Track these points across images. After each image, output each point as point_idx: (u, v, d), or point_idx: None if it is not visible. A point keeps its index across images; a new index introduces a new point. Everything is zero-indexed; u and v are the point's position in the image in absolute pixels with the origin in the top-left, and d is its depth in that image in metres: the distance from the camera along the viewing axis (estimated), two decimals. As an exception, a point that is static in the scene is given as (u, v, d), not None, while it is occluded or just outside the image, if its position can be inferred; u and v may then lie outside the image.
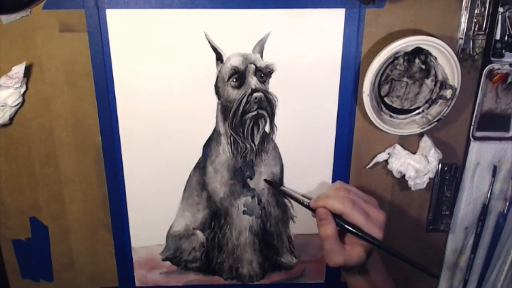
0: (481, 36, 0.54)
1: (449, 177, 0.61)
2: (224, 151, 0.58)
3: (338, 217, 0.50)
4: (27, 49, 0.53)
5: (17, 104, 0.54)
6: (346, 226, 0.49)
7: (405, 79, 0.56)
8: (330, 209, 0.50)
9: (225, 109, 0.56)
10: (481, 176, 0.62)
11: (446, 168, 0.61)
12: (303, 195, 0.57)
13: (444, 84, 0.55)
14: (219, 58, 0.54)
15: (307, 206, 0.53)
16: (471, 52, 0.54)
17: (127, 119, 0.56)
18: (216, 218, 0.62)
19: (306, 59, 0.54)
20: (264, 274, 0.65)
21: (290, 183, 0.60)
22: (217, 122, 0.57)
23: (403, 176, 0.59)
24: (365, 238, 0.48)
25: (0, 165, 0.58)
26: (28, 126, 0.56)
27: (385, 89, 0.56)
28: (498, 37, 0.54)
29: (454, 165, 0.61)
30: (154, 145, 0.57)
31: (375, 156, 0.59)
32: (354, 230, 0.48)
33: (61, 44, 0.53)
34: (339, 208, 0.49)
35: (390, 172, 0.60)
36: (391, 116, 0.57)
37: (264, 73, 0.55)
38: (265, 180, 0.60)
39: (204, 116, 0.56)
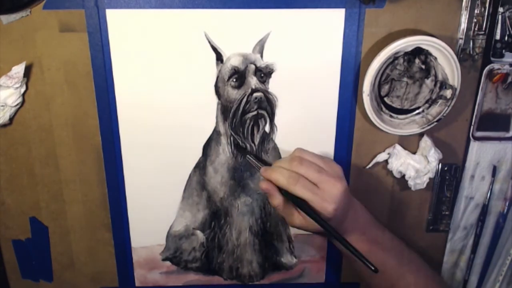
0: (481, 36, 0.54)
1: (449, 177, 0.61)
2: (224, 151, 0.58)
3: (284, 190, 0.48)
4: (27, 49, 0.53)
5: (17, 104, 0.54)
6: (291, 200, 0.48)
7: (405, 79, 0.56)
8: (275, 183, 0.49)
9: (225, 109, 0.56)
10: (481, 176, 0.61)
11: (446, 168, 0.61)
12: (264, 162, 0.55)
13: (444, 84, 0.55)
14: (219, 58, 0.54)
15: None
16: (471, 52, 0.54)
17: (127, 119, 0.56)
18: (216, 218, 0.62)
19: (306, 59, 0.54)
20: (264, 274, 0.65)
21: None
22: (217, 122, 0.57)
23: (403, 176, 0.59)
24: (308, 213, 0.47)
25: (0, 165, 0.58)
26: (28, 126, 0.56)
27: (385, 89, 0.56)
28: (498, 37, 0.54)
29: (454, 165, 0.61)
30: (154, 144, 0.57)
31: (375, 156, 0.59)
32: (299, 205, 0.48)
33: (61, 44, 0.53)
34: (282, 184, 0.48)
35: (390, 172, 0.59)
36: (391, 116, 0.57)
37: (264, 73, 0.55)
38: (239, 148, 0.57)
39: (204, 116, 0.56)
